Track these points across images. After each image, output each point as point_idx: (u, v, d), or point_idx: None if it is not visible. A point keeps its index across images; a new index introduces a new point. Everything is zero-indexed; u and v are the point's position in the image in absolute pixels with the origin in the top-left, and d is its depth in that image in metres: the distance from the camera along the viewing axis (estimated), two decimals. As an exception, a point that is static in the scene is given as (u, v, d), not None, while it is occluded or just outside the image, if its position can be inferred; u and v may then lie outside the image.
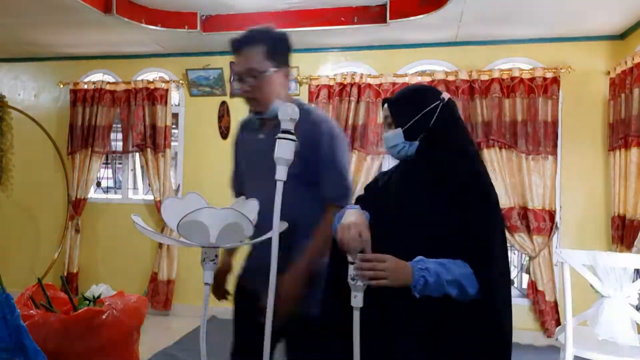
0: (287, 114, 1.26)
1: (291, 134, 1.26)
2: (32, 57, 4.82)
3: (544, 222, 3.74)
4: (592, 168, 3.84)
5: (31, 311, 2.16)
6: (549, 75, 3.76)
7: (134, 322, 2.37)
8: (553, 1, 3.21)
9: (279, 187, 1.25)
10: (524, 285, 3.94)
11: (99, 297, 2.43)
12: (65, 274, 4.55)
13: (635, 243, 3.04)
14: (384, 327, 1.31)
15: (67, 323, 2.10)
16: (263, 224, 1.30)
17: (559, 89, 3.78)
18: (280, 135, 1.26)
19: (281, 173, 1.26)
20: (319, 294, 1.50)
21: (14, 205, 4.90)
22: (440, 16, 3.45)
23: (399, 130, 1.41)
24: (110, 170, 5.07)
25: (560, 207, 3.83)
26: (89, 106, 4.58)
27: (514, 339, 4.17)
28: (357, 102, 4.06)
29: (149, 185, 4.50)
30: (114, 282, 2.97)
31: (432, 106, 1.39)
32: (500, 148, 3.85)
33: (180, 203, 1.21)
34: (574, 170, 3.84)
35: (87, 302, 2.39)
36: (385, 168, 4.21)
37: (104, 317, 2.19)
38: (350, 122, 4.04)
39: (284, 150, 1.25)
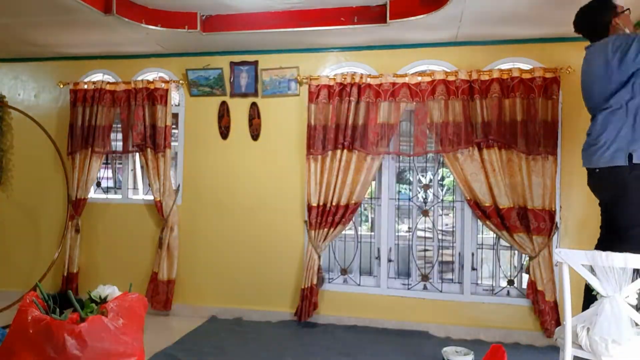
0: None
1: None
2: (32, 57, 4.82)
3: (544, 222, 3.74)
4: (592, 168, 3.83)
5: (35, 313, 2.15)
6: (549, 75, 3.76)
7: (136, 323, 2.37)
8: (553, 1, 3.22)
9: None
10: (524, 286, 3.94)
11: (105, 298, 2.43)
12: (65, 274, 4.56)
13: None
14: None
15: (76, 333, 2.10)
16: None
17: (559, 89, 3.78)
18: None
19: None
20: None
21: (14, 205, 4.91)
22: (440, 16, 3.46)
23: None
24: (110, 170, 5.06)
25: (560, 207, 3.84)
26: (89, 106, 4.58)
27: (514, 339, 4.18)
28: (357, 102, 4.06)
29: (149, 185, 4.50)
30: (114, 282, 2.96)
31: None
32: (500, 148, 3.85)
33: None
34: (574, 170, 3.83)
35: (94, 303, 2.38)
36: (385, 168, 4.22)
37: (111, 326, 2.19)
38: (350, 122, 4.04)
39: None
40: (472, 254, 4.11)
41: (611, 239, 2.67)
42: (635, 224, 2.57)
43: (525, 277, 3.96)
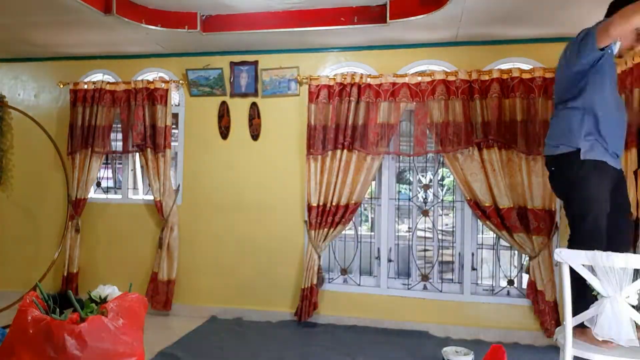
0: None
1: None
2: (32, 57, 4.82)
3: (543, 222, 3.74)
4: (592, 168, 3.83)
5: (35, 313, 2.15)
6: (549, 75, 3.75)
7: (136, 323, 2.37)
8: (553, 1, 3.22)
9: None
10: (524, 286, 3.94)
11: (105, 298, 2.42)
12: (65, 274, 4.55)
13: (638, 243, 3.04)
14: None
15: (76, 334, 2.10)
16: None
17: (558, 89, 3.77)
18: None
19: None
20: None
21: (14, 205, 4.91)
22: (440, 16, 3.46)
23: None
24: (110, 170, 5.07)
25: (560, 207, 3.83)
26: (89, 106, 4.58)
27: (514, 339, 4.19)
28: (357, 102, 4.06)
29: (149, 185, 4.50)
30: (114, 282, 2.97)
31: None
32: (500, 148, 3.85)
33: None
34: (573, 170, 3.83)
35: (94, 303, 2.38)
36: (385, 168, 4.22)
37: (111, 326, 2.18)
38: (350, 122, 4.04)
39: None
40: (472, 254, 4.11)
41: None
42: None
43: (525, 277, 3.96)
